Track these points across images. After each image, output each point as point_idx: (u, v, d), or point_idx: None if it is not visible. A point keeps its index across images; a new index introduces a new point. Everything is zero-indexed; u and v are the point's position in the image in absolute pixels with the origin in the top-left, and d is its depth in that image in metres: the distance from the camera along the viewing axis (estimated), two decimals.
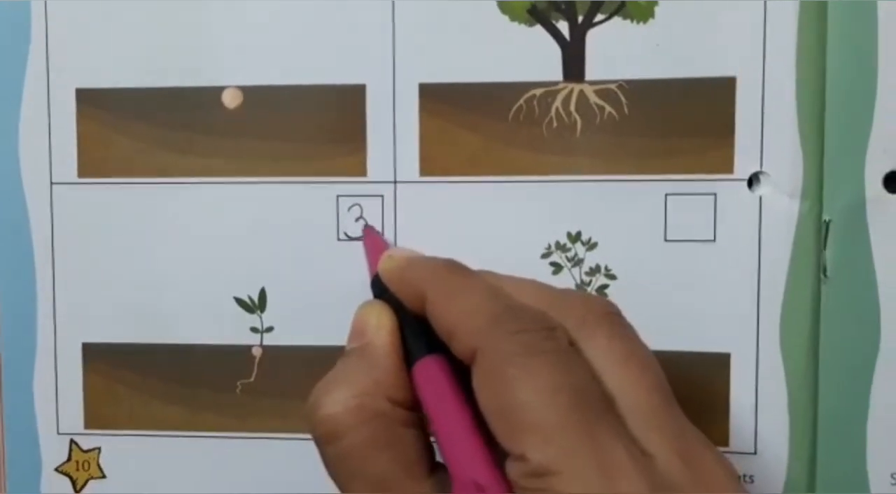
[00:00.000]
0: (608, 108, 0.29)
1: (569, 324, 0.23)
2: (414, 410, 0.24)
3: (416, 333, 0.25)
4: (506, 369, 0.21)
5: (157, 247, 0.32)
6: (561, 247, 0.30)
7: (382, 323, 0.26)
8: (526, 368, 0.21)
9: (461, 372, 0.23)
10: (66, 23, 0.31)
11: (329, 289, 0.31)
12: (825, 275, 0.29)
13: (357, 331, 0.26)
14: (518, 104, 0.30)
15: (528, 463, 0.20)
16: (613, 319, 0.24)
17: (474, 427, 0.22)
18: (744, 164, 0.29)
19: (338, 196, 0.31)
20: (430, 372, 0.24)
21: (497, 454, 0.22)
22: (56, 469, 0.32)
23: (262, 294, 0.31)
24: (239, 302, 0.31)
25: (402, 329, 0.26)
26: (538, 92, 0.30)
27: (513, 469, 0.21)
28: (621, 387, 0.22)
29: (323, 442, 0.24)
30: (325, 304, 0.31)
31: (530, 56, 0.30)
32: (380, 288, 0.27)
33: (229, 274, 0.31)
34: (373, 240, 0.30)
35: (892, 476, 0.29)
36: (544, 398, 0.21)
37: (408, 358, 0.25)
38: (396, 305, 0.26)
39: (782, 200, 0.29)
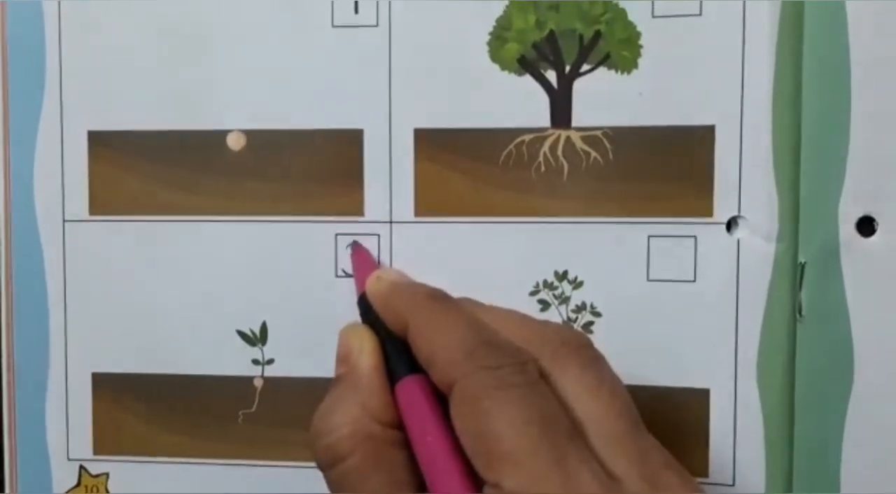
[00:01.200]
0: (594, 154, 0.31)
1: (544, 354, 0.24)
2: (404, 429, 0.26)
3: (399, 352, 0.26)
4: (481, 401, 0.23)
5: (164, 282, 0.33)
6: (548, 286, 0.31)
7: (365, 347, 0.27)
8: (499, 401, 0.22)
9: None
10: (78, 68, 0.33)
11: (327, 323, 0.32)
12: (800, 315, 0.30)
13: (342, 357, 0.28)
14: (508, 149, 0.31)
15: (501, 491, 0.21)
16: (585, 351, 0.25)
17: (454, 450, 0.23)
18: (723, 209, 0.30)
19: (336, 234, 0.32)
20: (411, 393, 0.25)
21: (477, 477, 0.23)
22: None
23: (264, 327, 0.33)
24: (241, 335, 0.33)
25: (385, 347, 0.27)
26: (527, 137, 0.31)
27: None
28: (591, 414, 0.23)
29: (324, 469, 0.26)
30: (323, 337, 0.32)
31: (520, 103, 0.31)
32: (366, 307, 0.28)
33: (232, 309, 0.33)
34: (361, 258, 0.32)
35: None
36: (516, 429, 0.22)
37: (391, 377, 0.26)
38: (381, 324, 0.27)
39: (759, 243, 0.30)
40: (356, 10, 0.32)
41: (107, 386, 0.34)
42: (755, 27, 0.30)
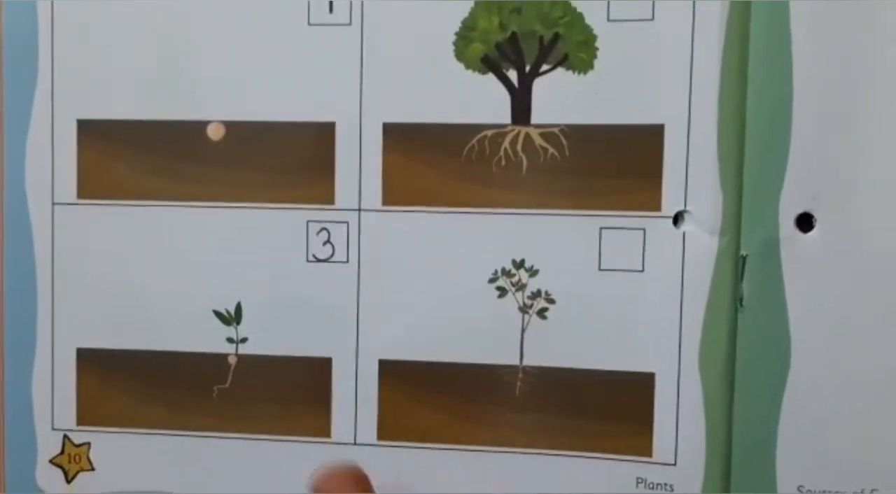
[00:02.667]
0: (551, 150, 0.33)
1: None
2: None
3: None
4: None
5: (146, 264, 0.35)
6: (506, 273, 0.33)
7: None
8: None
9: None
10: (68, 61, 0.35)
11: (299, 305, 0.34)
12: (741, 305, 0.32)
13: None
14: (471, 144, 0.33)
15: None
16: None
17: None
18: (670, 203, 0.32)
19: (308, 221, 0.34)
20: None
21: None
22: (50, 461, 0.36)
23: (238, 308, 0.35)
24: (217, 314, 0.35)
25: None
26: (489, 133, 0.33)
27: None
28: None
29: None
30: (295, 318, 0.34)
31: (483, 101, 0.33)
32: None
33: (209, 290, 0.35)
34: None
35: (798, 488, 0.32)
36: None
37: None
38: None
39: (704, 236, 0.32)
40: (331, 10, 0.33)
41: (90, 361, 0.36)
42: (703, 32, 0.31)
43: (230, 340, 0.35)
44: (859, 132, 0.31)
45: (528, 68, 0.33)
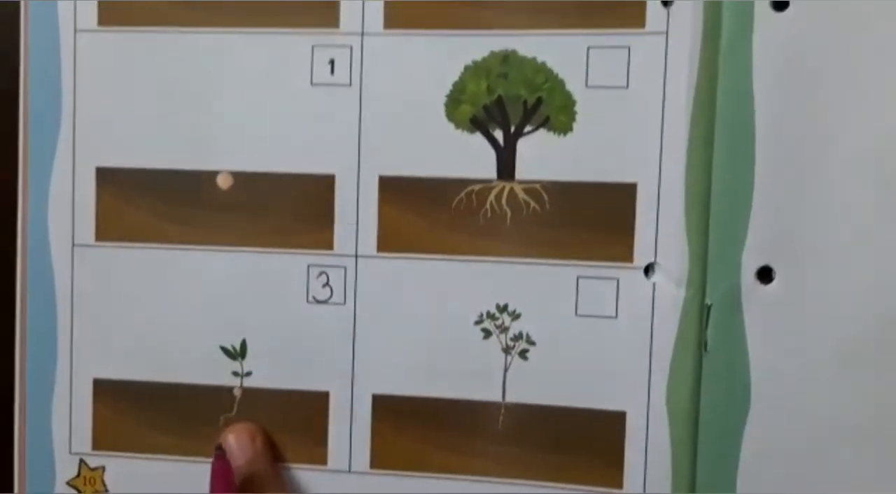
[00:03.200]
0: (533, 204, 0.36)
1: None
2: None
3: None
4: None
5: (158, 302, 0.38)
6: (491, 316, 0.36)
7: None
8: None
9: None
10: (89, 114, 0.38)
11: (299, 342, 0.37)
12: (706, 350, 0.34)
13: None
14: (459, 196, 0.36)
15: None
16: None
17: None
18: (641, 256, 0.35)
19: (308, 265, 0.37)
20: None
21: None
22: (67, 483, 0.39)
23: (244, 344, 0.38)
24: (224, 350, 0.38)
25: None
26: (476, 187, 0.36)
27: None
28: None
29: None
30: (295, 355, 0.37)
31: (471, 157, 0.36)
32: None
33: (216, 327, 0.38)
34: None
35: None
36: None
37: None
38: None
39: (672, 287, 0.35)
40: (332, 72, 0.36)
41: (106, 391, 0.38)
42: (673, 100, 0.34)
43: (236, 374, 0.38)
44: (816, 193, 0.34)
45: (512, 129, 0.36)
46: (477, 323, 0.36)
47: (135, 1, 0.37)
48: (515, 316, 0.36)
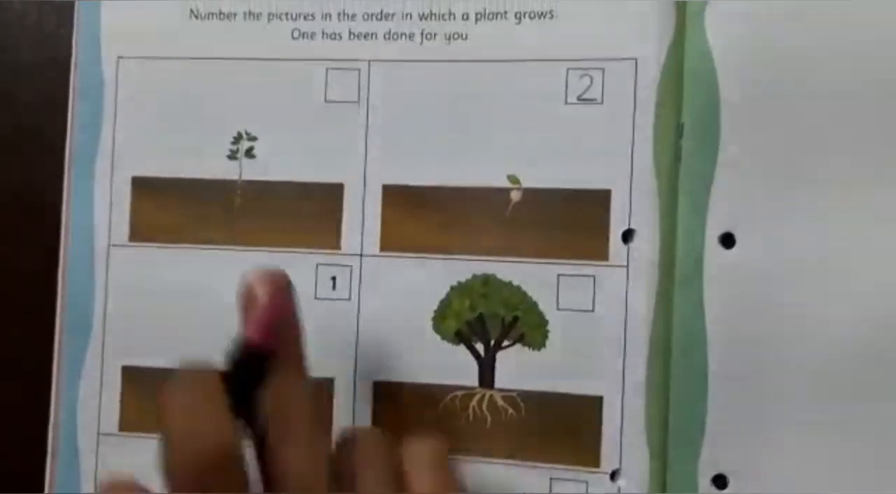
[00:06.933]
0: (510, 410, 0.40)
1: None
2: None
3: None
4: None
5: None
6: None
7: None
8: None
9: None
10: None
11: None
12: None
13: None
14: (444, 402, 0.40)
15: None
16: None
17: None
18: (607, 461, 0.39)
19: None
20: None
21: None
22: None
23: None
24: None
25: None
26: (459, 394, 0.40)
27: None
28: None
29: None
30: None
31: (455, 367, 0.40)
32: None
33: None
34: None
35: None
36: None
37: None
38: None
39: (635, 491, 0.38)
40: (334, 288, 0.41)
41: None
42: (634, 320, 0.38)
43: None
44: (769, 409, 0.37)
45: (492, 342, 0.40)
46: None
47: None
48: None
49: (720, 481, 0.38)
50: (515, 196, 0.40)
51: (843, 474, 0.37)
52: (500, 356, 0.40)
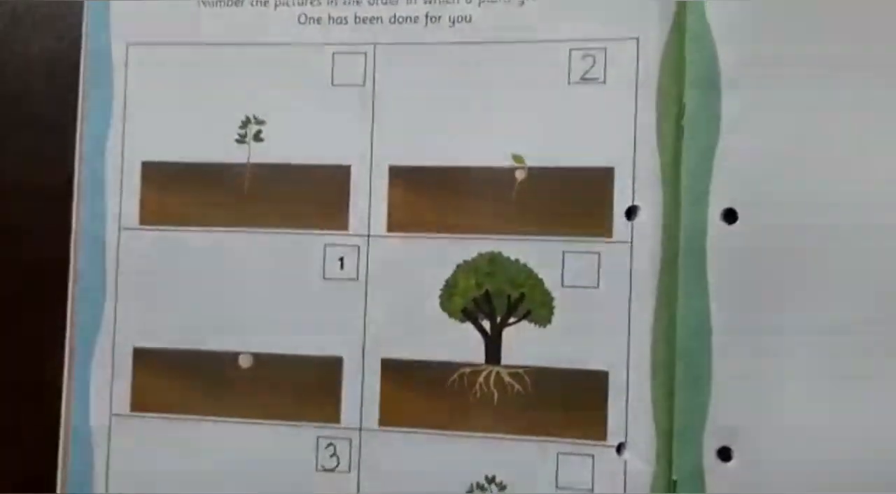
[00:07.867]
0: (517, 386, 0.40)
1: None
2: None
3: None
4: None
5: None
6: (480, 487, 0.40)
7: None
8: None
9: None
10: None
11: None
12: None
13: None
14: (453, 378, 0.41)
15: None
16: None
17: None
18: (613, 435, 0.39)
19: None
20: None
21: None
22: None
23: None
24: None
25: None
26: (467, 370, 0.41)
27: None
28: None
29: None
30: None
31: (462, 344, 0.41)
32: None
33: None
34: None
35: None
36: None
37: None
38: None
39: (640, 463, 0.39)
40: (342, 267, 0.42)
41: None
42: (639, 298, 0.39)
43: None
44: (774, 382, 0.38)
45: (499, 319, 0.40)
46: (468, 492, 0.40)
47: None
48: (502, 488, 0.40)
49: (725, 453, 0.38)
50: (520, 175, 0.40)
51: (847, 446, 0.38)
52: (507, 333, 0.40)
